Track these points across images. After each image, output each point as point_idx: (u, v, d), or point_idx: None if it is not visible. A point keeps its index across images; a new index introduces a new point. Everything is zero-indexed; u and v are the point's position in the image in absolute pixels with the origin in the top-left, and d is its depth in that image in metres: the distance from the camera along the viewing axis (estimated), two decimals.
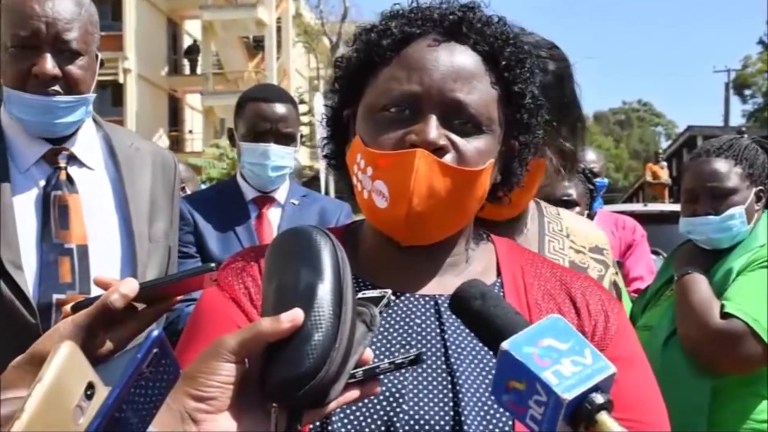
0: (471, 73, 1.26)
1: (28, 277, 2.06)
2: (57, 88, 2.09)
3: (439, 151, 1.23)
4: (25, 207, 2.12)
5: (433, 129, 1.23)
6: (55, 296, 2.05)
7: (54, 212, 2.12)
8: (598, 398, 0.87)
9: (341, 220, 3.36)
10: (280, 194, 3.44)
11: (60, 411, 0.73)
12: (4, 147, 2.16)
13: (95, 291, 1.26)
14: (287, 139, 3.36)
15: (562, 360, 0.88)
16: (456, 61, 1.26)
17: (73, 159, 2.20)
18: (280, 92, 3.56)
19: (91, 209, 2.17)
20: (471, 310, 1.00)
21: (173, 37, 40.48)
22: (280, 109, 3.35)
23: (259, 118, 3.33)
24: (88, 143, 2.25)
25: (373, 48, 1.30)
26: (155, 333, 0.79)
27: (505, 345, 0.90)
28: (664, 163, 22.91)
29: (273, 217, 3.38)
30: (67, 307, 1.19)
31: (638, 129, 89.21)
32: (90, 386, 0.76)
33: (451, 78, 1.25)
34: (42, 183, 2.15)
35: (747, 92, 58.72)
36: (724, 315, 2.52)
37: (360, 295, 1.06)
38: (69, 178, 2.17)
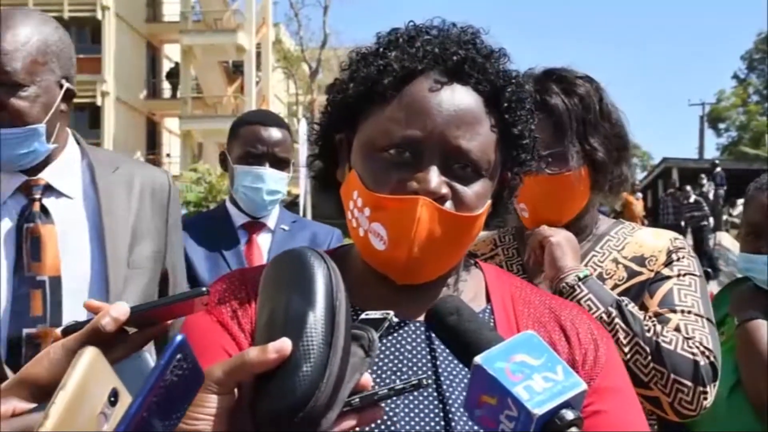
0: (473, 117, 1.24)
1: None
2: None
3: (440, 199, 1.22)
4: None
5: (435, 178, 1.22)
6: (26, 330, 2.02)
7: (26, 245, 2.08)
8: (569, 414, 0.88)
9: (332, 246, 3.27)
10: (270, 220, 3.41)
11: (84, 418, 0.72)
12: None
13: (65, 322, 1.25)
14: (282, 164, 3.33)
15: (534, 375, 0.89)
16: (458, 105, 1.24)
17: (49, 189, 2.16)
18: (276, 118, 3.50)
19: (67, 239, 2.13)
20: (446, 325, 1.01)
21: (152, 61, 40.43)
22: (276, 133, 3.31)
23: (255, 140, 3.29)
24: (67, 172, 2.21)
25: (371, 84, 1.27)
26: (178, 338, 0.78)
27: (478, 359, 0.91)
28: (639, 194, 23.00)
29: (263, 242, 3.35)
30: (58, 331, 1.17)
31: None
32: (114, 392, 0.75)
33: (454, 124, 1.22)
34: (16, 215, 2.12)
35: (721, 126, 59.51)
36: None
37: (363, 315, 1.03)
38: (44, 209, 2.13)
